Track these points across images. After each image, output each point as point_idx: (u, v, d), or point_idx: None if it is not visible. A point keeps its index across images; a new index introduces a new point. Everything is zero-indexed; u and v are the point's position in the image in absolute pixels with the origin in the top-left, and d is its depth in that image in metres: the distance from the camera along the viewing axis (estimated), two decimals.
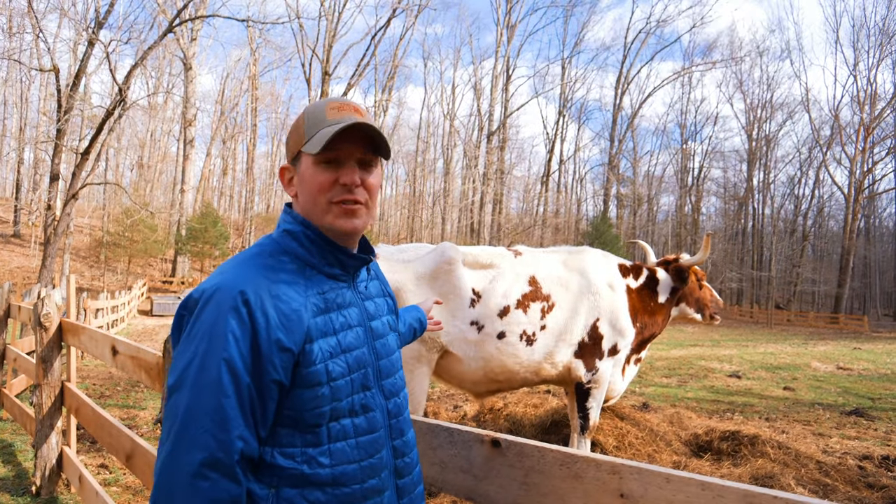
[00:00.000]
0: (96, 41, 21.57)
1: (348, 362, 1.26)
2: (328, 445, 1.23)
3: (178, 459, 1.10)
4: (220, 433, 1.11)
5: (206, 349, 1.14)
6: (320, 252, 1.31)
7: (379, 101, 49.80)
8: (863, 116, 48.09)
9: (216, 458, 1.10)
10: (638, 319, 4.75)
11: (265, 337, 1.15)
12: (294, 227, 1.31)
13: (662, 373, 12.21)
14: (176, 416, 1.13)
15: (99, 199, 51.05)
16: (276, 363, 1.16)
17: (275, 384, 1.16)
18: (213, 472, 1.10)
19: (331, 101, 1.32)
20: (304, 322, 1.21)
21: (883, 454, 5.90)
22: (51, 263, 21.35)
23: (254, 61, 48.41)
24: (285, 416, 1.20)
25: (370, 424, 1.29)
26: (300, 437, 1.21)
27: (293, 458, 1.20)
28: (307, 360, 1.20)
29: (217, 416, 1.11)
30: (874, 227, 64.59)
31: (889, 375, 12.96)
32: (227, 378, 1.12)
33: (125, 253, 36.42)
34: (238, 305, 1.15)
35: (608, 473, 1.18)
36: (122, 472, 4.90)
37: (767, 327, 36.41)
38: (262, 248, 1.30)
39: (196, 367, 1.13)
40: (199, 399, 1.12)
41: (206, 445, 1.10)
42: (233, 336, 1.13)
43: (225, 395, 1.12)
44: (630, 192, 57.95)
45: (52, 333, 4.36)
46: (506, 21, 51.72)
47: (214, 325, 1.15)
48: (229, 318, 1.14)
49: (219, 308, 1.16)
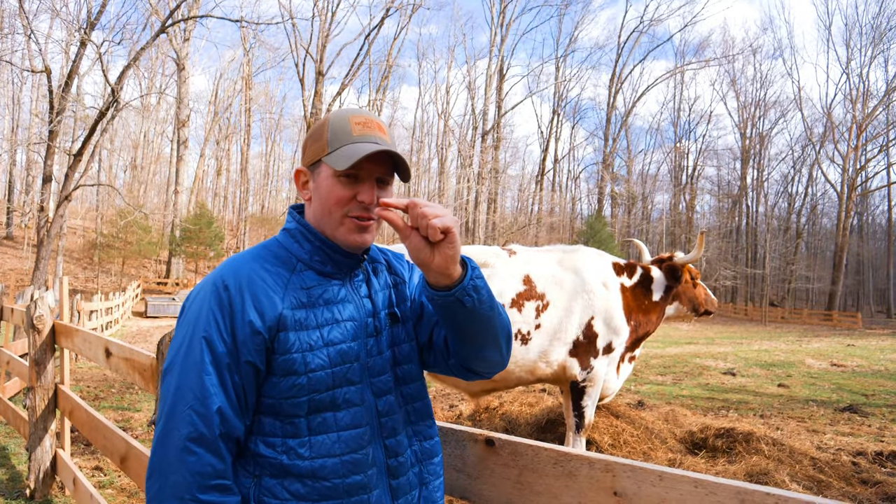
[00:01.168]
0: (88, 42, 21.49)
1: (330, 355, 1.26)
2: (308, 437, 1.24)
3: (169, 435, 1.17)
4: (201, 408, 1.17)
5: (192, 332, 1.22)
6: (313, 248, 1.33)
7: (373, 100, 49.77)
8: (855, 114, 48.41)
9: (200, 432, 1.16)
10: (632, 318, 4.76)
11: (240, 319, 1.21)
12: (292, 226, 1.38)
13: (657, 371, 12.24)
14: (167, 396, 1.21)
15: (92, 200, 50.89)
16: (250, 346, 1.21)
17: (250, 366, 1.21)
18: (197, 447, 1.16)
19: (355, 114, 1.32)
20: (277, 309, 1.24)
21: (877, 450, 5.93)
22: (44, 265, 21.26)
23: (247, 62, 48.33)
24: (265, 404, 1.25)
25: (353, 419, 1.28)
26: (280, 426, 1.24)
27: (274, 447, 1.23)
28: (282, 347, 1.23)
29: (199, 393, 1.18)
30: (867, 225, 64.98)
31: (882, 372, 13.03)
32: (207, 356, 1.20)
33: (119, 254, 36.30)
34: (220, 290, 1.24)
35: (602, 471, 1.19)
36: (116, 475, 4.88)
37: (762, 324, 36.56)
38: (263, 245, 1.37)
39: (184, 349, 1.22)
40: (185, 378, 1.19)
41: (191, 421, 1.17)
42: (213, 317, 1.22)
43: (206, 373, 1.19)
44: (624, 191, 58.11)
45: (45, 336, 4.34)
46: (500, 20, 51.80)
47: (199, 310, 1.24)
48: (211, 302, 1.23)
49: (205, 294, 1.25)
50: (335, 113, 1.33)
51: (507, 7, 51.93)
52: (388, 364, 1.38)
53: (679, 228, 56.71)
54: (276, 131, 61.47)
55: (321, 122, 1.35)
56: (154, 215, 39.36)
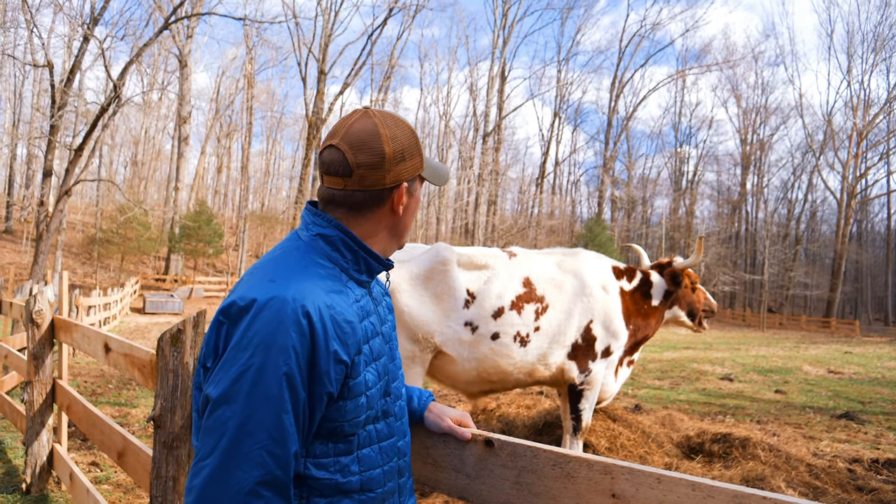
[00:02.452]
0: (91, 37, 21.49)
1: (378, 370, 1.27)
2: (357, 452, 1.23)
3: (229, 476, 1.04)
4: (278, 450, 1.07)
5: (263, 361, 1.08)
6: (355, 258, 1.28)
7: (375, 100, 49.77)
8: (856, 122, 48.44)
9: (275, 475, 1.06)
10: (631, 322, 4.77)
11: (324, 349, 1.12)
12: (330, 232, 1.26)
13: (655, 375, 12.25)
14: (224, 430, 1.06)
15: (92, 195, 50.86)
16: (332, 376, 1.13)
17: (326, 396, 1.14)
18: (268, 491, 1.06)
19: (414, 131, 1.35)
20: (358, 333, 1.20)
21: (873, 457, 5.94)
22: (43, 260, 21.24)
23: (249, 59, 48.25)
24: (325, 427, 1.18)
25: (389, 429, 1.31)
26: (333, 446, 1.20)
27: (327, 468, 1.19)
28: (355, 371, 1.19)
29: (276, 433, 1.07)
30: (866, 232, 64.99)
31: (879, 379, 13.04)
32: (287, 393, 1.08)
33: (118, 250, 36.21)
34: (299, 317, 1.10)
35: (600, 473, 1.19)
36: (113, 470, 4.88)
37: (760, 330, 36.58)
38: (302, 253, 1.25)
39: (250, 379, 1.07)
40: (257, 413, 1.06)
41: (264, 463, 1.05)
42: (294, 350, 1.09)
43: (285, 411, 1.08)
44: (624, 195, 58.12)
45: (43, 330, 4.34)
46: (502, 23, 51.80)
47: (273, 336, 1.09)
48: (290, 331, 1.09)
49: (279, 319, 1.10)
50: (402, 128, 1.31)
51: (509, 10, 51.96)
52: (399, 370, 1.42)
53: (678, 233, 56.72)
54: (278, 130, 61.46)
55: (408, 131, 1.31)
56: (154, 212, 39.28)
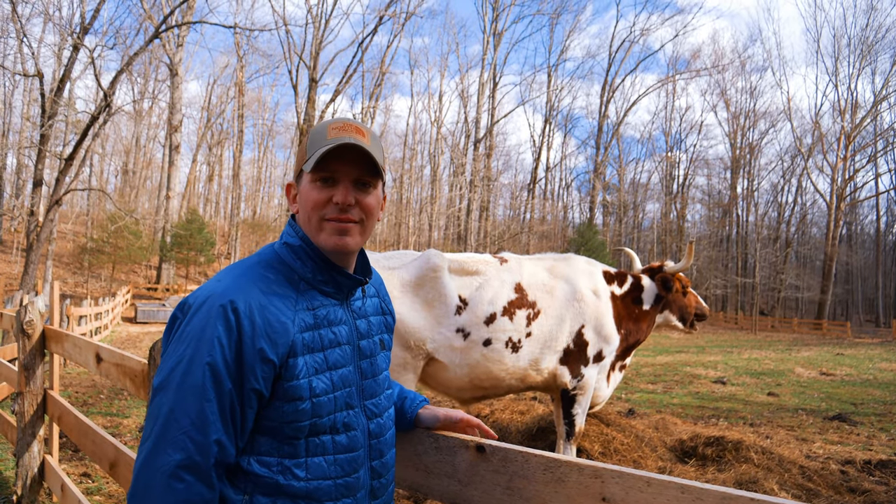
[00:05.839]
0: (81, 46, 21.42)
1: (333, 380, 1.27)
2: (305, 459, 1.24)
3: (157, 459, 1.11)
4: (198, 436, 1.12)
5: (193, 353, 1.15)
6: (316, 268, 1.32)
7: (366, 108, 49.81)
8: (843, 125, 48.87)
9: (193, 460, 1.12)
10: (622, 326, 4.79)
11: (250, 345, 1.17)
12: (294, 241, 1.33)
13: (648, 379, 12.28)
14: (158, 416, 1.14)
15: (83, 204, 50.55)
16: (258, 373, 1.17)
17: (254, 393, 1.18)
18: (188, 475, 1.11)
19: (335, 121, 1.33)
20: (290, 335, 1.22)
21: (865, 459, 5.97)
22: (33, 270, 21.09)
23: (240, 68, 48.21)
24: (264, 426, 1.22)
25: (351, 443, 1.30)
26: (278, 447, 1.22)
27: (269, 466, 1.21)
28: (290, 373, 1.21)
29: (198, 420, 1.13)
30: (856, 234, 65.51)
31: (871, 381, 13.12)
32: (210, 382, 1.14)
33: (109, 259, 35.97)
34: (227, 313, 1.17)
35: (590, 477, 1.20)
36: (105, 481, 4.85)
37: (752, 333, 36.71)
38: (262, 258, 1.32)
39: (182, 370, 1.15)
40: (182, 401, 1.13)
41: (185, 447, 1.11)
42: (219, 342, 1.15)
43: (207, 399, 1.14)
44: (616, 200, 58.36)
45: (34, 341, 4.31)
46: (492, 29, 51.97)
47: (203, 330, 1.17)
48: (217, 324, 1.16)
49: (209, 314, 1.18)
50: (318, 123, 1.36)
51: (499, 16, 52.18)
52: (380, 387, 1.42)
53: (670, 237, 56.99)
54: (269, 137, 61.49)
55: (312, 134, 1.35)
56: (145, 220, 39.15)
